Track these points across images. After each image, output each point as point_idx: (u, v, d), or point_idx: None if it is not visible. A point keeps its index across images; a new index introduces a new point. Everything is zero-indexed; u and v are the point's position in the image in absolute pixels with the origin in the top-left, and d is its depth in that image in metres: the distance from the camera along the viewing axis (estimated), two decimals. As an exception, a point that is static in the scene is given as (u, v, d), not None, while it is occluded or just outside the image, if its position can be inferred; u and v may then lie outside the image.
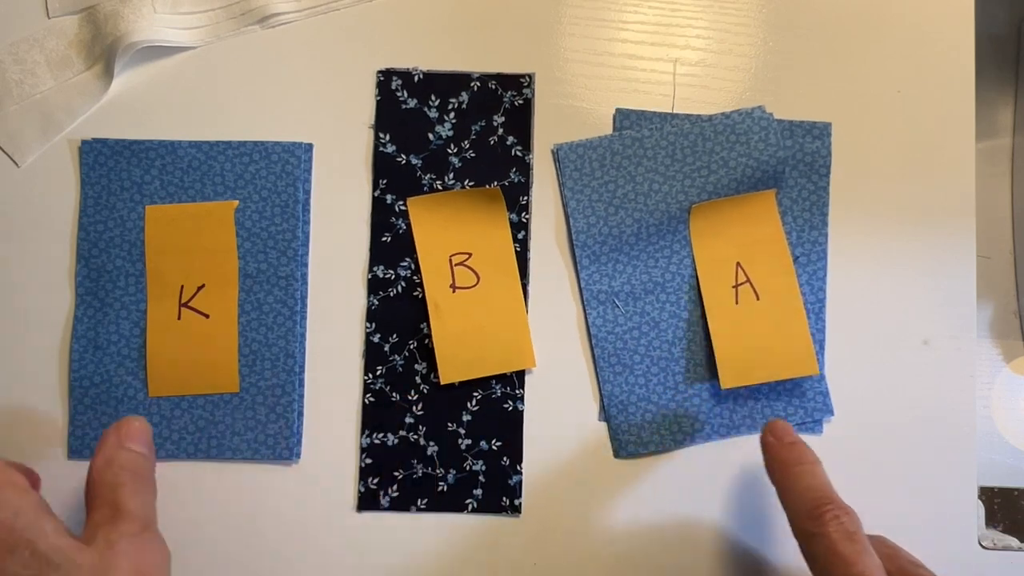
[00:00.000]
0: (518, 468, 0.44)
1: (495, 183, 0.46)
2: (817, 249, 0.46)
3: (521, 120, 0.47)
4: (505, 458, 0.44)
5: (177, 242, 0.44)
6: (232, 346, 0.44)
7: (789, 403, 0.45)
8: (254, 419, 0.44)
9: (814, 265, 0.46)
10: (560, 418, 0.45)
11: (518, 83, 0.47)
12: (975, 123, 0.48)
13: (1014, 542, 0.47)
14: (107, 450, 0.37)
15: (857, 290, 0.46)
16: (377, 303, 0.45)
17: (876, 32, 0.48)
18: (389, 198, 0.46)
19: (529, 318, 0.45)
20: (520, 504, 0.44)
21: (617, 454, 0.45)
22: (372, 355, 0.45)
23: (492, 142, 0.46)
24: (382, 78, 0.47)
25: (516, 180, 0.46)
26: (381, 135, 0.46)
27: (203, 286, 0.44)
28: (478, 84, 0.47)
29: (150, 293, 0.44)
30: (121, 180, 0.45)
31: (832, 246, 0.47)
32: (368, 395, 0.45)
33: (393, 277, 0.45)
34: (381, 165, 0.46)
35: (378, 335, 0.45)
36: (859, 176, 0.47)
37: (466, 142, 0.46)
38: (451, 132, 0.46)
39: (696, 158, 0.46)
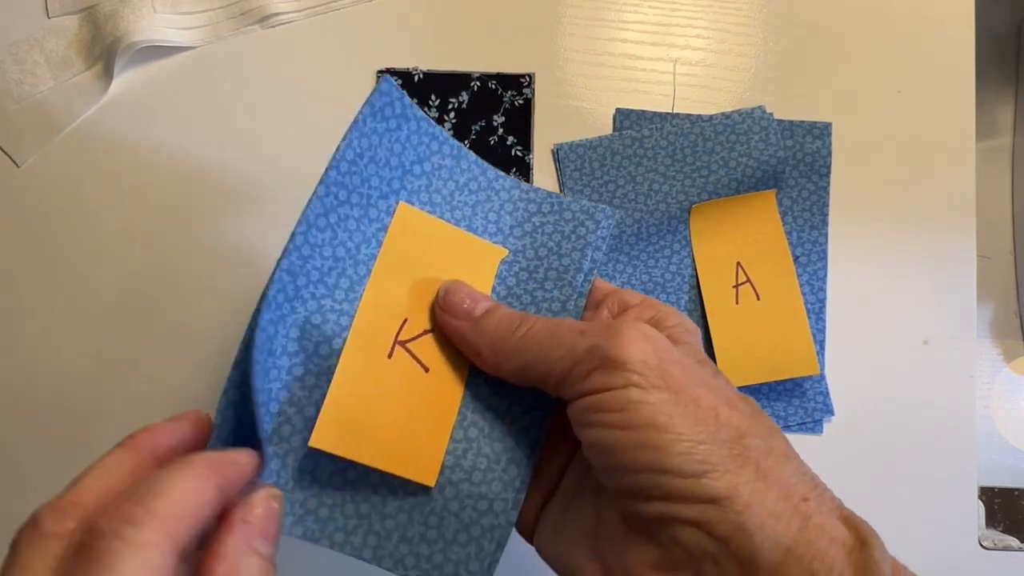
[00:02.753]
0: None
1: None
2: (817, 249, 0.46)
3: (521, 120, 0.47)
4: None
5: (419, 265, 0.32)
6: (445, 422, 0.30)
7: (789, 403, 0.45)
8: (437, 531, 0.29)
9: (814, 265, 0.46)
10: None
11: (518, 83, 0.47)
12: (975, 123, 0.48)
13: (1014, 542, 0.47)
14: (229, 555, 0.23)
15: (857, 290, 0.46)
16: None
17: (876, 32, 0.48)
18: None
19: None
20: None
21: None
22: None
23: (492, 142, 0.46)
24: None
25: None
26: None
27: (430, 331, 0.31)
28: (478, 84, 0.47)
29: (362, 310, 0.30)
30: (391, 153, 0.32)
31: (832, 246, 0.46)
32: None
33: None
34: None
35: None
36: (859, 176, 0.47)
37: (466, 142, 0.46)
38: (451, 132, 0.46)
39: (696, 158, 0.46)
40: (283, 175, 0.46)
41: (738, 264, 0.46)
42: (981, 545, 0.45)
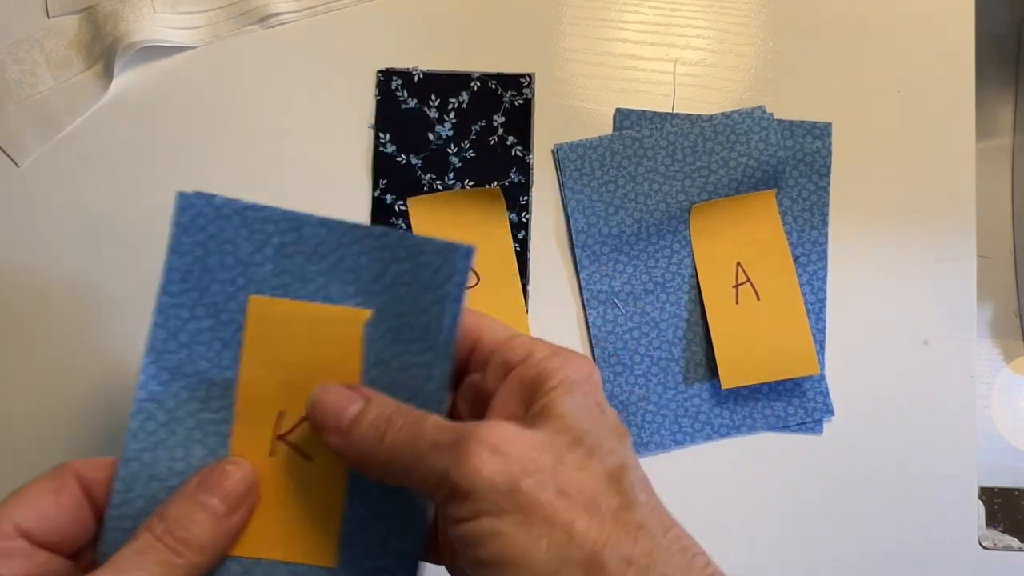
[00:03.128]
0: None
1: (495, 183, 0.46)
2: (817, 249, 0.46)
3: (521, 120, 0.47)
4: None
5: (285, 353, 0.32)
6: (335, 504, 0.31)
7: (789, 403, 0.45)
8: None
9: (814, 265, 0.46)
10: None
11: (518, 83, 0.47)
12: (975, 123, 0.48)
13: (1014, 542, 0.47)
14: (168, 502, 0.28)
15: (857, 290, 0.46)
16: None
17: (876, 32, 0.48)
18: (389, 198, 0.46)
19: (529, 318, 0.45)
20: None
21: None
22: None
23: (492, 142, 0.46)
24: (382, 78, 0.47)
25: (516, 180, 0.46)
26: (381, 135, 0.46)
27: (306, 418, 0.31)
28: (478, 84, 0.47)
29: (238, 413, 0.31)
30: (223, 255, 0.32)
31: (832, 246, 0.46)
32: None
33: None
34: (381, 165, 0.46)
35: None
36: (859, 176, 0.47)
37: (466, 142, 0.46)
38: (451, 132, 0.46)
39: (696, 158, 0.46)
40: (283, 175, 0.46)
41: (738, 264, 0.46)
42: (981, 545, 0.45)
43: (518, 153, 0.47)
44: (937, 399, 0.46)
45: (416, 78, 0.47)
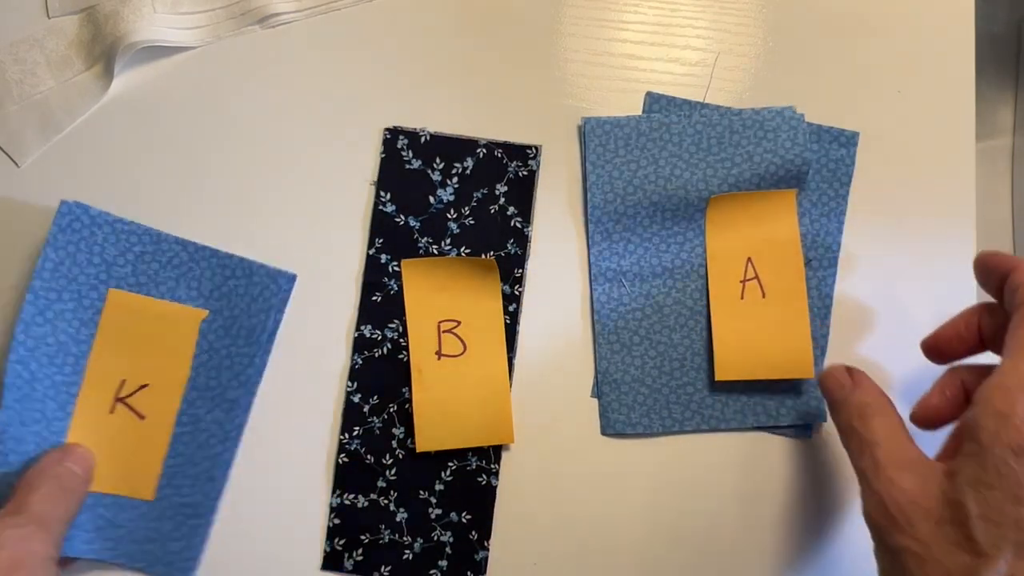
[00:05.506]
0: (485, 544, 0.43)
1: (491, 253, 0.45)
2: (829, 255, 0.46)
3: (524, 191, 0.46)
4: (473, 532, 0.43)
5: (132, 335, 0.42)
6: (159, 454, 0.42)
7: (782, 403, 0.45)
8: (157, 532, 0.41)
9: (824, 271, 0.46)
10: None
11: (524, 154, 0.46)
12: (975, 123, 0.48)
13: (1014, 541, 0.47)
14: (43, 461, 0.38)
15: (857, 290, 0.46)
16: (361, 362, 0.44)
17: (876, 32, 0.48)
18: (384, 257, 0.45)
19: (512, 388, 0.44)
20: None
21: (604, 431, 0.45)
22: (350, 415, 0.44)
23: (493, 211, 0.46)
24: (388, 136, 0.46)
25: (513, 252, 0.45)
26: (382, 193, 0.45)
27: (146, 386, 0.42)
28: (484, 151, 0.46)
29: (87, 379, 0.41)
30: (91, 254, 0.42)
31: (832, 246, 0.47)
32: (342, 455, 0.43)
33: (380, 338, 0.44)
34: (379, 223, 0.45)
35: (359, 395, 0.44)
36: (860, 176, 0.47)
37: (466, 208, 0.45)
38: (452, 197, 0.45)
39: (721, 149, 0.46)
40: (283, 174, 0.46)
41: (748, 259, 0.45)
42: (981, 544, 0.45)
43: (517, 224, 0.46)
44: (937, 399, 0.46)
45: (423, 139, 0.46)
